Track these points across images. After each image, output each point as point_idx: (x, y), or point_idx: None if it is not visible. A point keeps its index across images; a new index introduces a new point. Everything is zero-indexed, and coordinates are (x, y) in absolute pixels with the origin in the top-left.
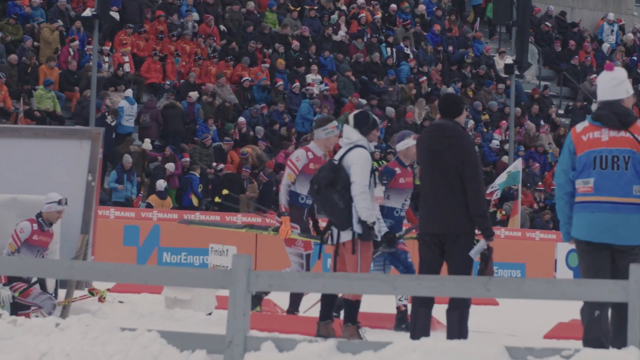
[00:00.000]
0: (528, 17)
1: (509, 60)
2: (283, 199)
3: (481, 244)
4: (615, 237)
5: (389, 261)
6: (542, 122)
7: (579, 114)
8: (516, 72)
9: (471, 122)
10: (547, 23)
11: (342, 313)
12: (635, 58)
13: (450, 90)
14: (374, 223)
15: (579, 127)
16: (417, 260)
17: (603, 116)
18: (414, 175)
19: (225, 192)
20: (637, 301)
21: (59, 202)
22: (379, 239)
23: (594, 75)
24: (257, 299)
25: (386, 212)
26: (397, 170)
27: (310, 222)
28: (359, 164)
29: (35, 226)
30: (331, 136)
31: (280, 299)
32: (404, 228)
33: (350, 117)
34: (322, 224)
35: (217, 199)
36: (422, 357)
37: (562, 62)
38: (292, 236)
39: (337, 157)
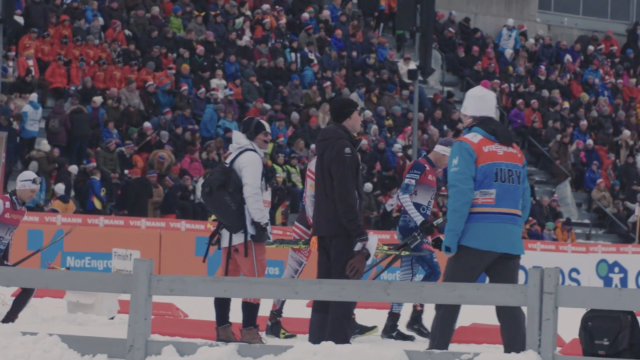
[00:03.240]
0: (431, 23)
1: (413, 65)
2: (310, 210)
3: (357, 245)
4: (513, 247)
5: (415, 260)
6: (445, 128)
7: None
8: (420, 77)
9: (374, 127)
10: (450, 29)
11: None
12: (544, 66)
13: (354, 95)
14: (266, 224)
15: (474, 138)
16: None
17: (499, 132)
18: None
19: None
20: (536, 305)
21: (33, 181)
22: (271, 238)
23: (497, 80)
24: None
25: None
26: (427, 167)
27: None
28: (250, 166)
29: (8, 204)
30: None
31: (184, 303)
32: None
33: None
34: None
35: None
36: None
37: (466, 68)
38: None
39: (227, 160)
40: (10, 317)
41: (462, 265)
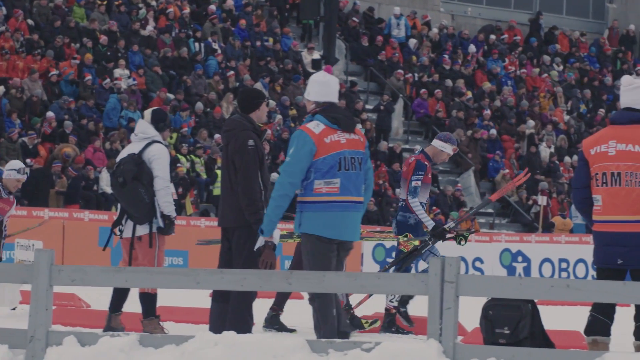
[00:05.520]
0: (335, 13)
1: (317, 55)
2: None
3: (260, 240)
4: (354, 234)
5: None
6: None
7: (385, 109)
8: (323, 67)
9: (278, 117)
10: (354, 18)
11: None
12: (447, 55)
13: (258, 85)
14: (175, 217)
15: (316, 128)
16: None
17: (341, 120)
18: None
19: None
20: (437, 294)
21: (19, 171)
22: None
23: (400, 70)
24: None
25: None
26: (427, 164)
27: None
28: (162, 159)
29: None
30: None
31: (85, 293)
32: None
33: (147, 113)
34: None
35: None
36: (223, 351)
37: (369, 58)
38: None
39: (135, 150)
40: None
41: (317, 254)
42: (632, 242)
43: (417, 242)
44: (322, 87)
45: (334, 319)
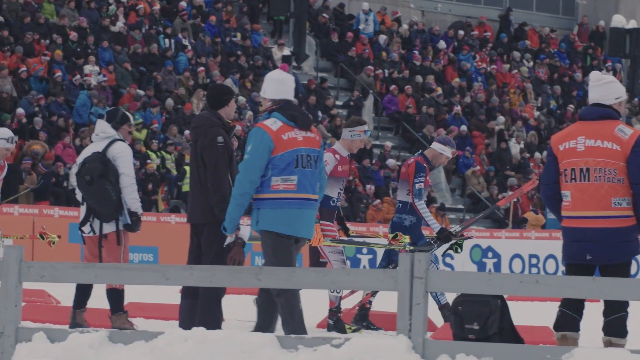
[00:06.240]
0: (305, 9)
1: (287, 51)
2: None
3: (229, 237)
4: (309, 231)
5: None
6: (319, 114)
7: (355, 105)
8: (294, 63)
9: (249, 113)
10: (324, 15)
11: None
12: (417, 51)
13: (228, 81)
14: (141, 214)
15: (273, 125)
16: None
17: (298, 117)
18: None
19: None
20: (407, 290)
21: (8, 140)
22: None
23: (370, 67)
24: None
25: (409, 208)
26: (426, 166)
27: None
28: (125, 156)
29: None
30: (356, 139)
31: (55, 289)
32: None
33: (104, 115)
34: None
35: None
36: (193, 347)
37: (340, 54)
38: (323, 244)
39: (99, 149)
40: None
41: (278, 250)
42: (600, 238)
43: (407, 240)
44: (278, 84)
45: (300, 314)
